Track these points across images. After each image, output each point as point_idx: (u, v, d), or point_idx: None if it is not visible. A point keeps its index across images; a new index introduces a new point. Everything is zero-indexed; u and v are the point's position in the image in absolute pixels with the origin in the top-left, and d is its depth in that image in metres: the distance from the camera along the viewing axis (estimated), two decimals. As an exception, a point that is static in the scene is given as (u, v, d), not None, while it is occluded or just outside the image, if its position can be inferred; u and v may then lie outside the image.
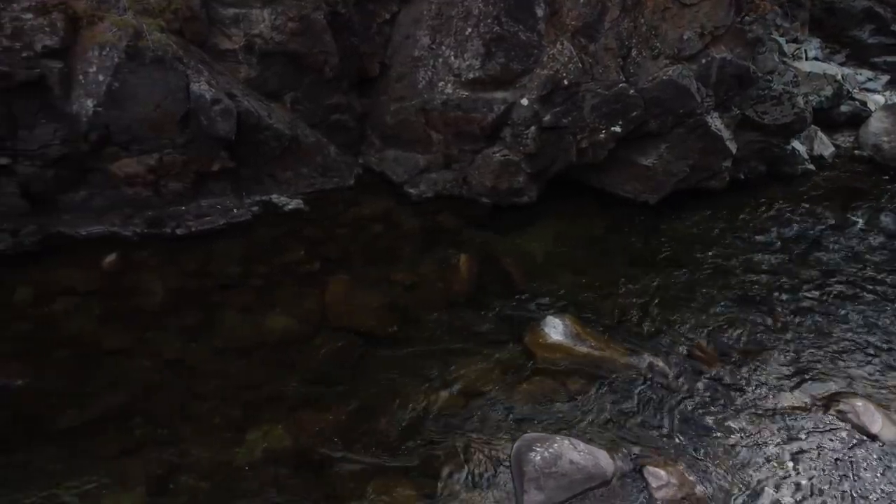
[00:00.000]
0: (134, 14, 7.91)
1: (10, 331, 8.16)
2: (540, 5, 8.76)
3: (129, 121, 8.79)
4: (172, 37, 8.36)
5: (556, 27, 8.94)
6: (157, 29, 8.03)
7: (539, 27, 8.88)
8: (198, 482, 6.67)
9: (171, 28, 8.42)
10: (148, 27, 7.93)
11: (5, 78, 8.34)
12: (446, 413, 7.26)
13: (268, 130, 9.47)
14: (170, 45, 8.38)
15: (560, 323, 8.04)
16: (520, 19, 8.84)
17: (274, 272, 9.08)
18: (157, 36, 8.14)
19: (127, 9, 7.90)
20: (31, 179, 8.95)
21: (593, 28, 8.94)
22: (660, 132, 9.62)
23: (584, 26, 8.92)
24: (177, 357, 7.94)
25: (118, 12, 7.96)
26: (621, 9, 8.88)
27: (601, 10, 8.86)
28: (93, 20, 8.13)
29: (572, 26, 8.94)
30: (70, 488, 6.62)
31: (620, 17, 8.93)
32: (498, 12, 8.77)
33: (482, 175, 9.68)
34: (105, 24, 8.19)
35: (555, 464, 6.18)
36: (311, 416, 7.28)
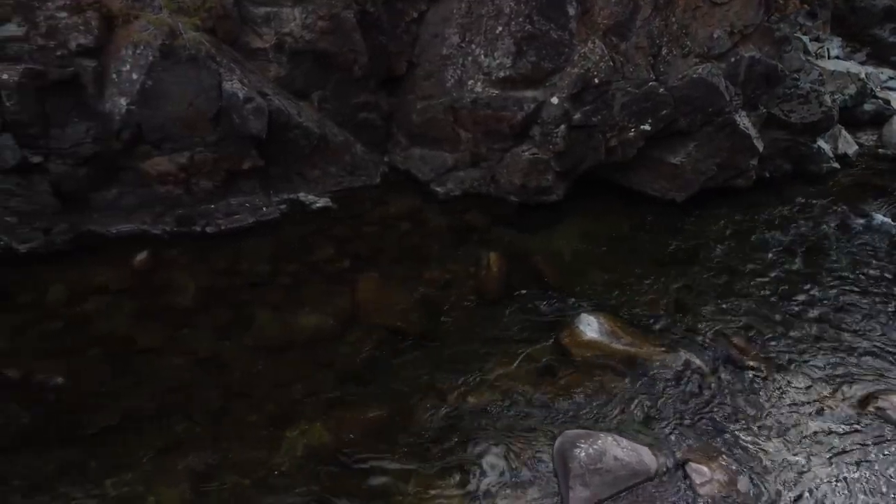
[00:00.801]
0: (169, 13, 7.94)
1: (43, 329, 8.20)
2: (572, 4, 8.78)
3: (162, 119, 8.82)
4: (205, 35, 8.38)
5: (587, 25, 8.95)
6: (192, 28, 8.04)
7: (570, 26, 8.91)
8: (239, 480, 6.68)
9: (204, 27, 8.44)
10: (183, 26, 7.94)
11: (39, 77, 8.38)
12: (484, 410, 7.26)
13: (297, 129, 9.49)
14: (203, 43, 8.41)
15: (595, 320, 8.05)
16: (551, 18, 8.86)
17: (304, 270, 9.11)
18: (191, 34, 8.16)
19: (162, 7, 7.92)
20: (63, 178, 8.99)
21: (625, 26, 8.96)
22: (689, 131, 9.63)
23: (616, 25, 8.94)
24: (210, 355, 7.97)
25: (153, 11, 7.98)
26: (653, 7, 8.90)
27: (633, 8, 8.88)
28: (128, 19, 8.17)
29: (604, 25, 8.96)
30: (112, 486, 6.62)
31: (652, 15, 8.95)
32: (530, 11, 8.79)
33: (511, 173, 9.70)
34: (140, 22, 8.23)
35: (599, 460, 6.18)
36: (349, 414, 7.30)
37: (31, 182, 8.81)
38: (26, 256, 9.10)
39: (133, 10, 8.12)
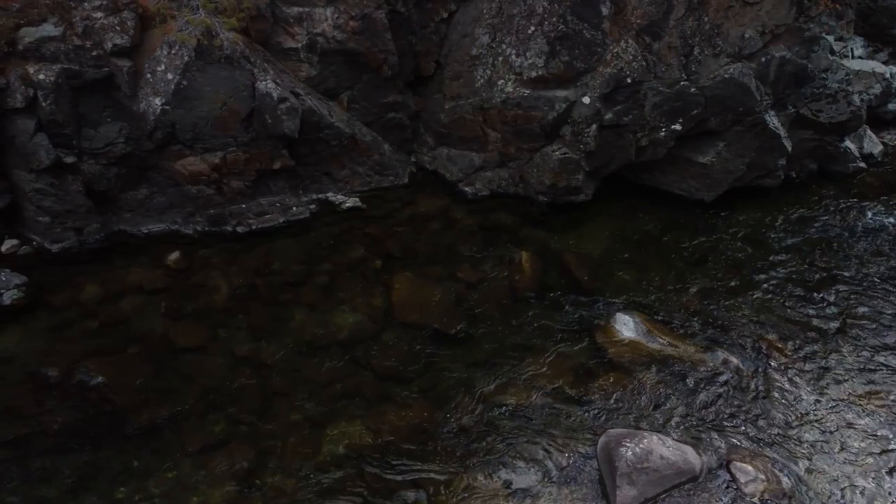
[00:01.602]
0: (207, 13, 7.94)
1: (81, 329, 8.21)
2: (605, 4, 8.80)
3: (195, 119, 8.83)
4: (240, 35, 8.39)
5: (619, 25, 8.97)
6: (230, 28, 8.05)
7: (603, 25, 8.92)
8: (283, 480, 6.70)
9: (238, 27, 8.44)
10: (221, 26, 7.94)
11: (75, 76, 8.39)
12: (524, 408, 7.29)
13: (328, 129, 9.50)
14: (238, 43, 8.42)
15: (630, 320, 8.08)
16: (585, 17, 8.88)
17: (337, 270, 9.12)
18: (227, 34, 8.17)
19: (201, 7, 7.92)
20: (95, 178, 9.00)
21: (658, 26, 8.97)
22: (718, 130, 9.65)
23: (650, 24, 8.96)
24: (249, 354, 7.99)
25: (191, 11, 7.99)
26: (687, 7, 8.92)
27: (667, 8, 8.89)
28: (164, 19, 8.18)
29: (637, 24, 8.98)
30: (155, 485, 6.64)
31: (685, 15, 8.96)
32: (563, 11, 8.81)
33: (541, 173, 9.71)
34: (176, 22, 8.24)
35: (646, 459, 6.21)
36: (390, 412, 7.32)
37: (64, 182, 8.83)
38: (58, 256, 9.13)
39: (170, 10, 8.13)
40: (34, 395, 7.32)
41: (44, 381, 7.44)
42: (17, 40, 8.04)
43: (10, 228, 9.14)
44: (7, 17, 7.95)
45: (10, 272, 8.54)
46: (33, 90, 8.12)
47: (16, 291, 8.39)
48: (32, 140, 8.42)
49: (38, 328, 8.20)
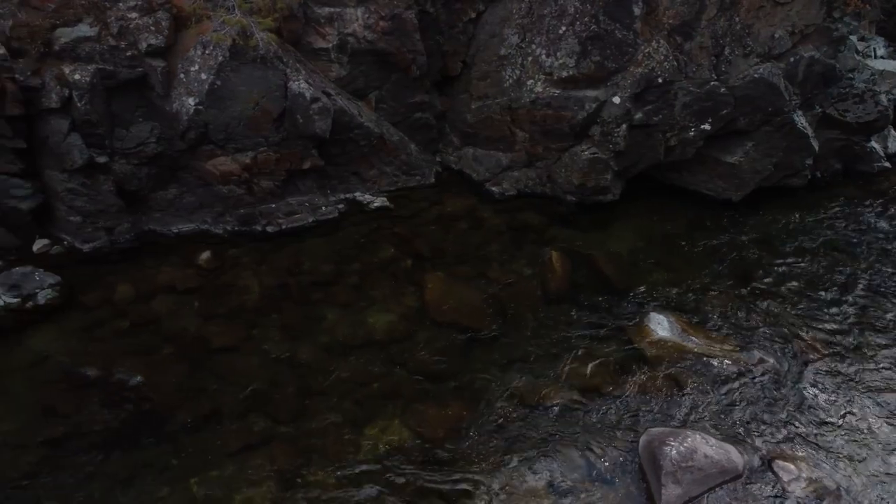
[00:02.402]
0: (243, 13, 7.96)
1: (115, 329, 8.21)
2: (638, 4, 8.82)
3: (228, 119, 8.85)
4: (274, 35, 8.40)
5: (651, 25, 8.98)
6: (265, 28, 8.06)
7: (635, 25, 8.94)
8: (324, 479, 6.71)
9: (272, 27, 8.45)
10: (257, 26, 7.96)
11: (109, 77, 8.41)
12: (562, 407, 7.29)
13: (358, 129, 9.52)
14: (271, 43, 8.44)
15: (665, 319, 8.10)
16: (617, 17, 8.90)
17: (367, 269, 9.14)
18: (261, 34, 8.18)
19: (236, 7, 7.94)
20: (127, 177, 9.02)
21: (690, 26, 9.00)
22: (747, 130, 9.67)
23: (682, 24, 8.98)
24: (285, 354, 7.99)
25: (226, 11, 8.00)
26: (719, 7, 8.94)
27: (699, 8, 8.92)
28: (200, 19, 8.19)
29: (669, 24, 9.00)
30: (197, 485, 6.64)
31: (717, 15, 8.98)
32: (596, 11, 8.83)
33: (569, 173, 9.73)
34: (210, 22, 8.25)
35: (690, 458, 6.22)
36: (428, 411, 7.32)
37: (96, 182, 8.86)
38: (89, 256, 9.15)
39: (205, 9, 8.15)
40: (72, 395, 7.33)
41: (81, 381, 7.46)
42: (53, 41, 8.06)
43: (42, 228, 9.16)
44: (43, 17, 7.97)
45: (43, 272, 8.57)
46: (68, 90, 8.14)
47: (50, 291, 8.41)
48: (66, 140, 8.44)
49: (72, 328, 8.22)
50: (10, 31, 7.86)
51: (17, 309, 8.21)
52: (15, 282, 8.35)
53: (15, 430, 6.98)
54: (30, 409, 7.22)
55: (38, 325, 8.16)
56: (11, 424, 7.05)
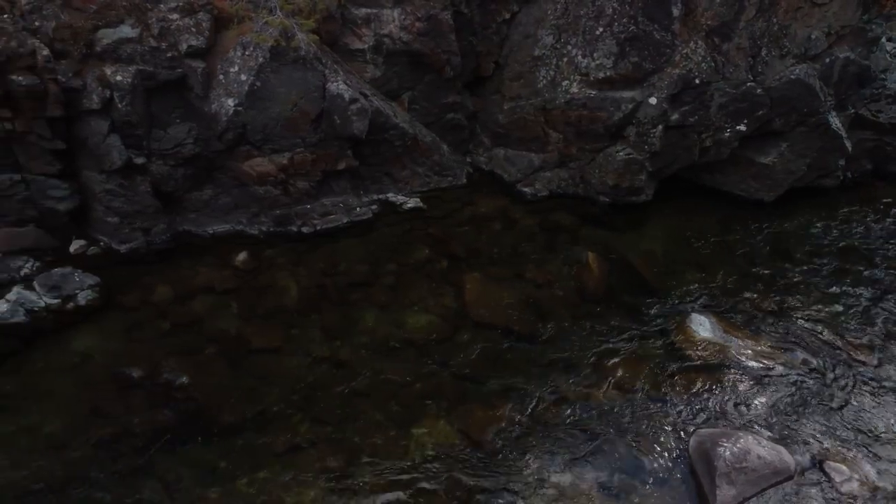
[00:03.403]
0: (285, 14, 7.95)
1: (156, 329, 8.22)
2: (676, 5, 8.83)
3: (266, 120, 8.85)
4: (315, 36, 8.40)
5: (689, 26, 8.99)
6: (307, 29, 8.07)
7: (673, 27, 8.95)
8: (375, 480, 6.70)
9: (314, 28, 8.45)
10: (299, 27, 7.96)
11: (149, 77, 8.40)
12: (607, 407, 7.30)
13: (393, 130, 9.52)
14: (311, 44, 8.43)
15: (706, 320, 8.10)
16: (656, 19, 8.90)
17: (403, 270, 9.14)
18: (302, 36, 8.19)
19: (279, 8, 7.93)
20: (163, 178, 9.02)
21: (728, 27, 9.01)
22: (782, 131, 9.68)
23: (720, 25, 8.99)
24: (326, 355, 8.01)
25: (268, 12, 8.00)
26: (758, 8, 8.95)
27: (738, 9, 8.93)
28: (242, 19, 8.19)
29: (707, 25, 9.01)
30: (246, 486, 6.64)
31: (756, 16, 8.99)
32: (635, 12, 8.84)
33: (603, 173, 9.74)
34: (251, 23, 8.26)
35: (744, 459, 6.23)
36: (473, 411, 7.32)
37: (134, 182, 8.86)
38: (126, 256, 9.15)
39: (247, 10, 8.14)
40: (119, 396, 7.35)
41: (127, 382, 7.47)
42: (95, 42, 8.07)
43: (78, 229, 9.18)
44: (85, 18, 7.97)
45: (82, 273, 8.60)
46: (110, 91, 8.15)
47: (90, 292, 8.43)
48: (105, 141, 8.45)
49: (113, 328, 8.23)
50: (54, 32, 7.86)
51: (58, 310, 8.23)
52: (55, 282, 8.37)
53: (63, 430, 6.99)
54: (77, 410, 7.23)
55: (78, 326, 8.18)
56: (59, 425, 7.06)
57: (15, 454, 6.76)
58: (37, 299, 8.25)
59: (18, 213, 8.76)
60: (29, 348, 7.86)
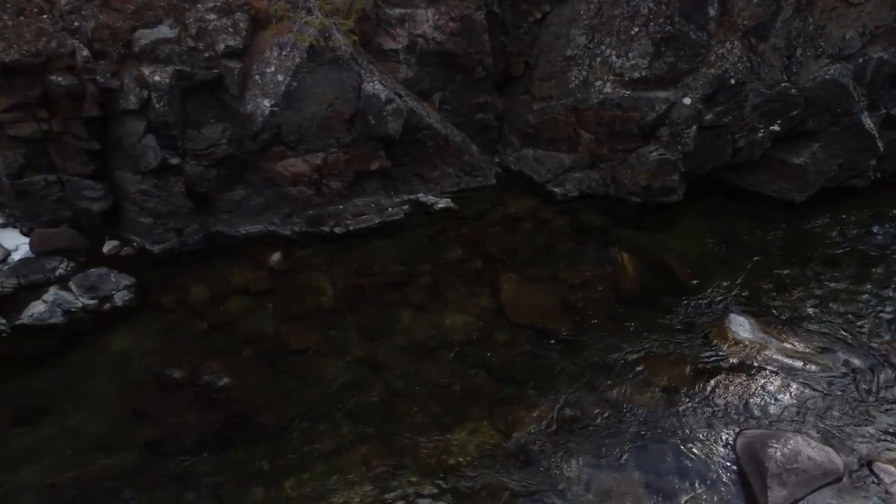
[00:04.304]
0: (324, 14, 7.93)
1: (193, 330, 8.20)
2: (713, 5, 8.82)
3: (301, 120, 8.83)
4: (354, 36, 8.39)
5: (725, 26, 8.98)
6: (346, 29, 8.05)
7: (709, 27, 8.93)
8: (419, 481, 6.70)
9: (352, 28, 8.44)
10: (338, 27, 7.94)
11: (186, 78, 8.38)
12: (650, 408, 7.29)
13: (427, 130, 9.51)
14: (348, 45, 8.41)
15: (745, 321, 8.10)
16: (692, 18, 8.88)
17: (438, 271, 9.11)
18: (339, 36, 8.17)
19: (318, 9, 7.91)
20: (197, 179, 8.99)
21: (765, 27, 8.99)
22: (815, 131, 9.68)
23: (757, 26, 8.98)
24: (364, 356, 7.99)
25: (307, 12, 7.98)
26: (795, 8, 8.95)
27: (775, 9, 8.92)
28: (281, 18, 8.17)
29: (744, 26, 9.00)
30: (291, 488, 6.62)
31: (793, 16, 8.99)
32: (671, 12, 8.82)
33: (636, 174, 9.72)
34: (288, 23, 8.24)
35: (795, 460, 6.23)
36: (515, 413, 7.30)
37: (167, 183, 8.83)
38: (160, 257, 9.13)
39: (285, 10, 8.12)
40: (161, 397, 7.35)
41: (169, 383, 7.46)
42: (133, 42, 8.05)
43: (110, 229, 9.17)
44: (123, 19, 7.95)
45: (118, 273, 8.60)
46: (147, 92, 8.12)
47: (126, 292, 8.42)
48: (141, 142, 8.42)
49: (150, 329, 8.21)
50: (92, 32, 7.85)
51: (95, 310, 8.23)
52: (92, 283, 8.36)
53: (107, 432, 6.99)
54: (119, 411, 7.23)
55: (115, 327, 8.17)
56: (103, 427, 7.05)
57: (59, 455, 6.76)
58: (74, 300, 8.25)
59: (53, 213, 8.77)
60: (67, 349, 7.86)
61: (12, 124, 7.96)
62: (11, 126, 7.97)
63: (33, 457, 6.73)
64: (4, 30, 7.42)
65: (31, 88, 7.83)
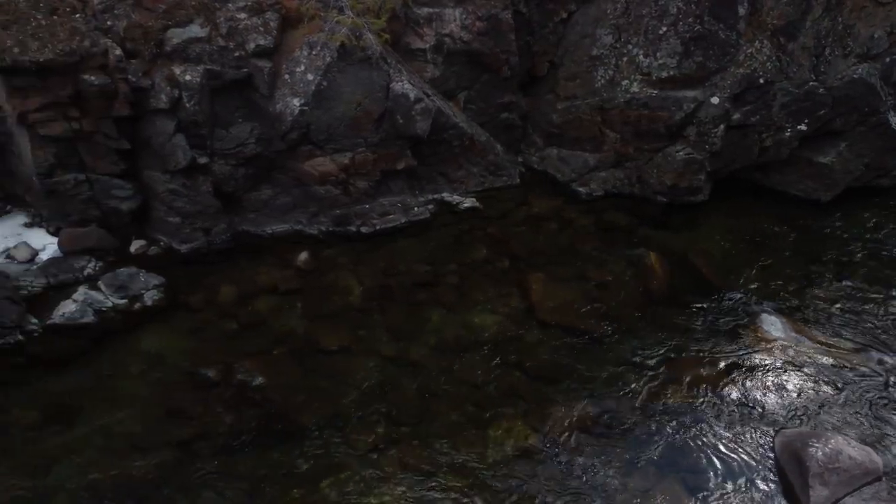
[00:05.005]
0: (355, 13, 7.93)
1: (224, 330, 8.19)
2: (743, 4, 8.81)
3: (331, 120, 8.84)
4: (386, 35, 8.38)
5: (754, 26, 8.97)
6: (378, 28, 8.05)
7: (739, 26, 8.93)
8: (456, 481, 6.68)
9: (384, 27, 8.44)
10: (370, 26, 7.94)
11: (216, 77, 8.39)
12: (685, 408, 7.26)
13: (453, 129, 9.51)
14: (377, 44, 8.41)
15: (777, 320, 8.09)
16: (721, 18, 8.88)
17: (465, 270, 9.09)
18: (370, 35, 8.17)
19: (350, 8, 7.91)
20: (224, 178, 8.99)
21: (794, 27, 8.99)
22: (842, 130, 9.67)
23: (787, 25, 8.97)
24: (395, 355, 7.98)
25: (338, 12, 7.98)
26: (824, 8, 8.95)
27: (805, 8, 8.93)
28: (312, 17, 8.17)
29: (773, 25, 8.98)
30: (329, 487, 6.60)
31: (822, 15, 8.99)
32: (701, 11, 8.81)
33: (662, 173, 9.71)
34: (318, 23, 8.23)
35: (836, 459, 6.20)
36: (550, 412, 7.28)
37: (196, 182, 8.84)
38: (187, 257, 9.13)
39: (317, 10, 8.12)
40: (196, 397, 7.34)
41: (203, 382, 7.46)
42: (165, 41, 8.06)
43: (137, 229, 9.17)
44: (155, 18, 7.96)
45: (147, 273, 8.60)
46: (178, 91, 8.13)
47: (155, 292, 8.43)
48: (171, 141, 8.44)
49: (181, 328, 8.21)
50: (125, 31, 7.86)
51: (125, 310, 8.23)
52: (122, 283, 8.36)
53: (143, 431, 6.98)
54: (153, 411, 7.22)
55: (145, 326, 8.17)
56: (139, 426, 7.05)
57: (94, 455, 6.76)
58: (104, 299, 8.25)
59: (82, 213, 8.79)
60: (98, 348, 7.87)
61: (44, 124, 7.99)
62: (43, 125, 7.99)
63: (69, 456, 6.73)
64: (38, 29, 7.44)
65: (63, 88, 7.86)
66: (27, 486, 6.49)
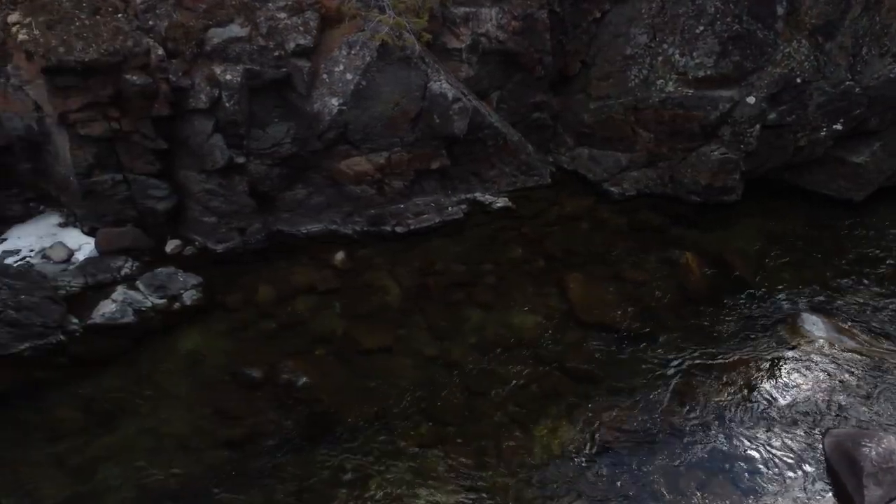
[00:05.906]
0: (397, 13, 7.92)
1: (264, 330, 8.18)
2: (781, 3, 8.80)
3: (368, 119, 8.82)
4: (427, 35, 8.37)
5: (792, 25, 8.96)
6: (419, 27, 8.04)
7: (777, 25, 8.91)
8: (506, 478, 6.69)
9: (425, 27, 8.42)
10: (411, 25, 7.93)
11: (255, 77, 8.36)
12: (729, 407, 7.25)
13: (488, 129, 9.49)
14: (416, 44, 8.40)
15: (818, 320, 8.07)
16: (760, 17, 8.86)
17: (502, 270, 9.07)
18: (409, 35, 8.16)
19: (390, 7, 7.90)
20: (260, 178, 8.98)
21: (833, 26, 8.99)
22: (877, 130, 9.67)
23: (825, 24, 8.97)
24: (437, 355, 7.97)
25: (379, 11, 7.97)
26: (863, 7, 8.94)
27: (844, 8, 8.93)
28: (353, 17, 8.16)
29: (811, 24, 8.99)
30: (376, 487, 6.60)
31: (861, 15, 8.98)
32: (740, 10, 8.81)
33: (696, 173, 9.70)
34: (357, 22, 8.22)
35: (890, 459, 6.20)
36: (594, 411, 7.28)
37: (232, 182, 8.82)
38: (223, 256, 9.11)
39: (357, 9, 8.11)
40: (241, 397, 7.35)
41: (247, 382, 7.47)
42: (206, 41, 8.05)
43: (172, 228, 9.15)
44: (196, 18, 7.95)
45: (185, 273, 8.59)
46: (218, 91, 8.12)
47: (194, 292, 8.42)
48: (209, 141, 8.43)
49: (220, 329, 8.21)
50: (166, 31, 7.85)
51: (164, 310, 8.23)
52: (161, 282, 8.35)
53: (191, 432, 7.00)
54: (199, 411, 7.24)
55: (184, 326, 8.18)
56: (185, 426, 7.06)
57: (141, 455, 6.77)
58: (143, 299, 8.25)
59: (118, 213, 8.79)
60: (139, 348, 7.89)
61: (84, 123, 7.99)
62: (83, 125, 7.99)
63: (117, 457, 6.75)
64: (82, 29, 7.43)
65: (104, 87, 7.86)
66: (75, 487, 6.50)
